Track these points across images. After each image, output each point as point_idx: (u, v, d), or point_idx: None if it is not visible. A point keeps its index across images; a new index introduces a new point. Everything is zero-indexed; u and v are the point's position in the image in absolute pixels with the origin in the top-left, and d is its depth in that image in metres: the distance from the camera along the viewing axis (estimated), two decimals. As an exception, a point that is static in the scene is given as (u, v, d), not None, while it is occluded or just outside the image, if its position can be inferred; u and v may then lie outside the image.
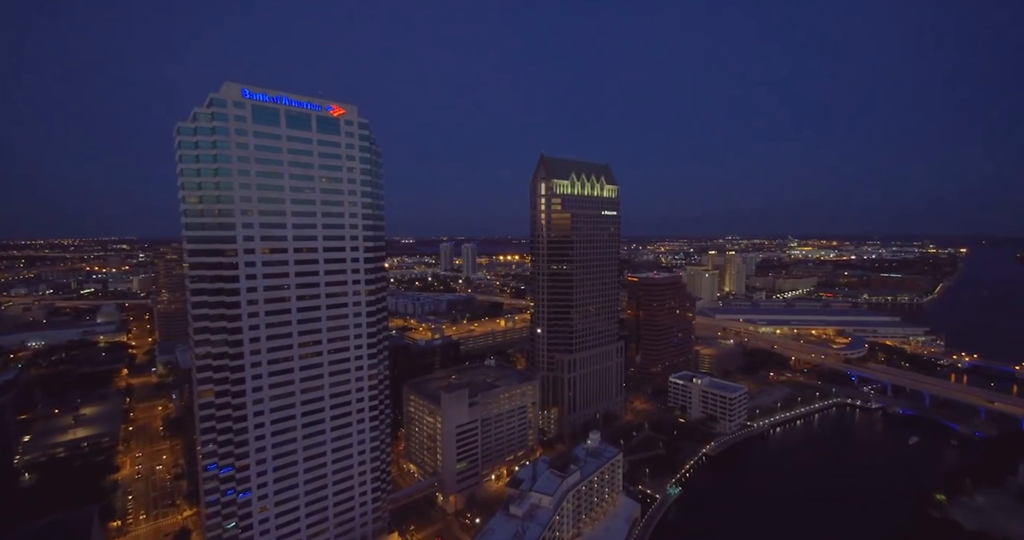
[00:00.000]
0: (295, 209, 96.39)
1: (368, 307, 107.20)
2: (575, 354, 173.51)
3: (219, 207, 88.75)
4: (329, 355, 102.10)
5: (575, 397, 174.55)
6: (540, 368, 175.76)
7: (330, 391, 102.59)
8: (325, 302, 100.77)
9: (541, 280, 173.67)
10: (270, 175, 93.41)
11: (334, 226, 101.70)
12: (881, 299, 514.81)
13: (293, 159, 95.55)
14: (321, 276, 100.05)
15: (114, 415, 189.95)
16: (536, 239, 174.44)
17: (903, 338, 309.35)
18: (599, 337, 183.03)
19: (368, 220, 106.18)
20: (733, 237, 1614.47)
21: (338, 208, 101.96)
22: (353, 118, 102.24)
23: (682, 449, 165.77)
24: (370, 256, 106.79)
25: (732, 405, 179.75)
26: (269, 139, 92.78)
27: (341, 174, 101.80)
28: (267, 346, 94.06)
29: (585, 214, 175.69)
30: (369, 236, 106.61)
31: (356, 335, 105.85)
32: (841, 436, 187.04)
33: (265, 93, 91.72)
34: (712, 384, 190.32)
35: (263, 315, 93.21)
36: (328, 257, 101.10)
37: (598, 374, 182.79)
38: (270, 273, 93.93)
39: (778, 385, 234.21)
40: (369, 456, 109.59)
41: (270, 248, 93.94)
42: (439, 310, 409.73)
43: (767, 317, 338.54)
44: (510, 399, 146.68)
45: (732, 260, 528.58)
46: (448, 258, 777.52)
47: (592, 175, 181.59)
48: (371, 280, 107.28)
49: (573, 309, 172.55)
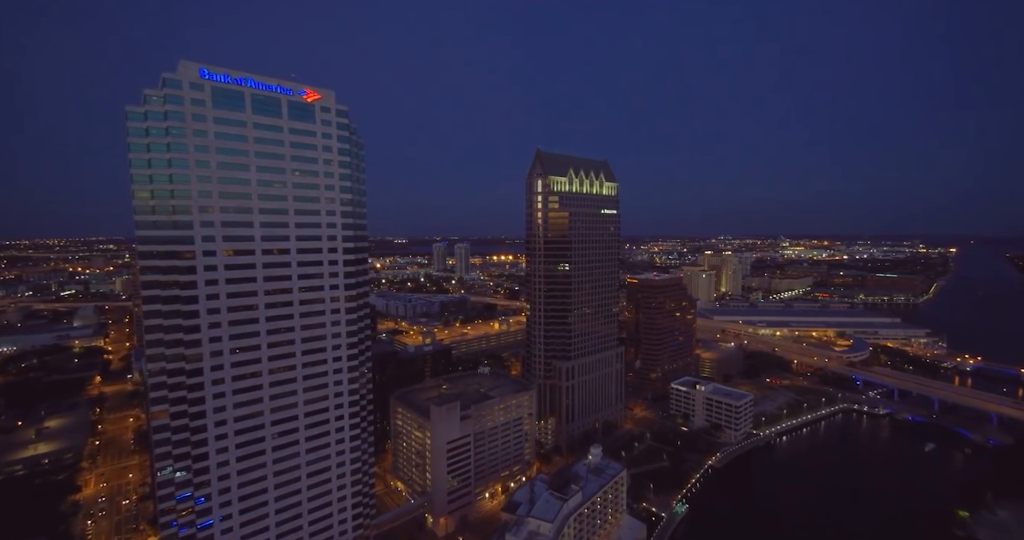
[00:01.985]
0: (263, 205, 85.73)
1: (348, 314, 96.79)
2: (574, 361, 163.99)
3: (174, 203, 77.90)
4: (304, 368, 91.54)
5: (574, 406, 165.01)
6: (536, 376, 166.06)
7: (305, 409, 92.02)
8: (299, 309, 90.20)
9: (537, 282, 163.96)
10: (233, 167, 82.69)
11: (309, 224, 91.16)
12: (877, 299, 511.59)
13: (261, 149, 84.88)
14: (294, 280, 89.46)
15: (80, 428, 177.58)
16: (532, 239, 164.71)
17: (904, 340, 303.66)
18: (598, 342, 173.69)
19: (348, 217, 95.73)
20: (726, 237, 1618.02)
21: (313, 204, 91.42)
22: (330, 104, 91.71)
23: (686, 461, 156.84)
24: (350, 258, 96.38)
25: (738, 414, 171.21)
26: (232, 126, 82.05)
27: (317, 166, 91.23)
28: (231, 360, 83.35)
29: (584, 213, 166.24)
30: (349, 235, 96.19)
31: (335, 345, 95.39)
32: (850, 445, 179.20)
33: (227, 74, 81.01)
34: (716, 391, 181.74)
35: (226, 325, 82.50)
36: (302, 259, 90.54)
37: (598, 381, 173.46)
38: (234, 277, 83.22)
39: (781, 390, 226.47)
40: (350, 479, 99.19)
41: (234, 250, 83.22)
42: (431, 312, 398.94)
43: (766, 318, 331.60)
44: (505, 411, 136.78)
45: (728, 260, 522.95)
46: (441, 258, 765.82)
47: (591, 171, 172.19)
48: (352, 284, 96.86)
49: (571, 313, 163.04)
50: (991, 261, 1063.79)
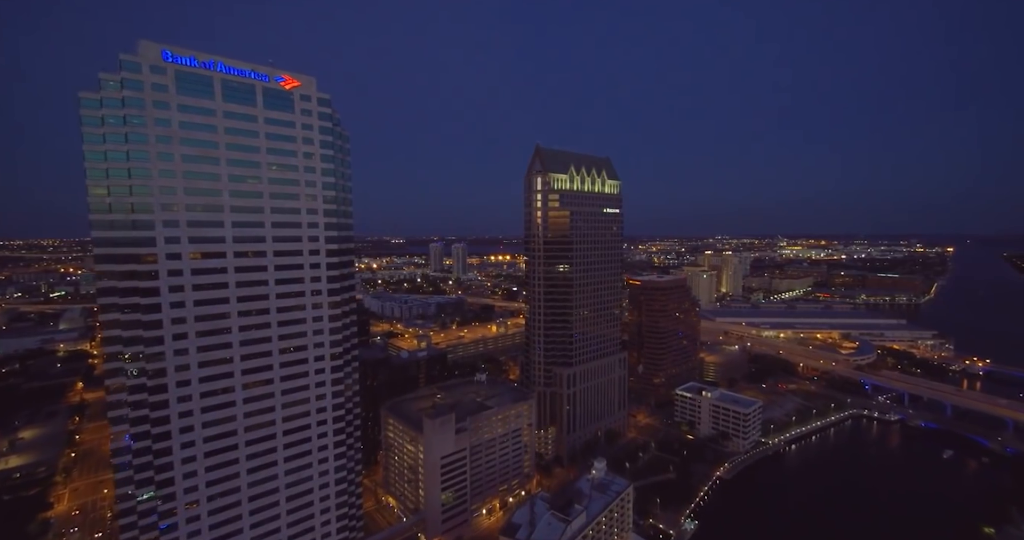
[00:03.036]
0: (236, 203, 77.55)
1: (332, 321, 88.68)
2: (575, 367, 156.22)
3: (132, 201, 69.71)
4: (283, 382, 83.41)
5: (575, 414, 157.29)
6: (536, 383, 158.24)
7: (284, 426, 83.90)
8: (276, 317, 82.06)
9: (537, 285, 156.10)
10: (201, 160, 74.50)
11: (287, 224, 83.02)
12: (879, 299, 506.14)
13: (232, 141, 76.69)
14: (271, 286, 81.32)
15: (56, 439, 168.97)
16: (531, 239, 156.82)
17: (911, 342, 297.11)
18: (601, 347, 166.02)
19: (331, 216, 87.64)
20: (723, 237, 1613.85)
21: (293, 202, 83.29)
22: (311, 92, 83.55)
23: (694, 472, 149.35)
24: (334, 261, 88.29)
25: (747, 421, 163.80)
26: (200, 115, 73.85)
27: (296, 160, 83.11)
28: (199, 375, 75.19)
29: (585, 212, 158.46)
30: (333, 236, 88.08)
31: (317, 356, 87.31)
32: (863, 453, 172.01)
33: (194, 56, 72.80)
34: (723, 398, 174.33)
35: (193, 336, 74.34)
36: (280, 262, 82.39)
37: (600, 388, 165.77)
38: (203, 283, 75.07)
39: (788, 395, 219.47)
40: (334, 501, 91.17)
41: (202, 252, 75.07)
42: (428, 313, 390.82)
43: (770, 320, 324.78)
44: (503, 421, 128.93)
45: (729, 260, 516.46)
46: (438, 258, 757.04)
47: (592, 169, 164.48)
48: (336, 289, 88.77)
49: (573, 317, 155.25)
50: (989, 261, 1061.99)
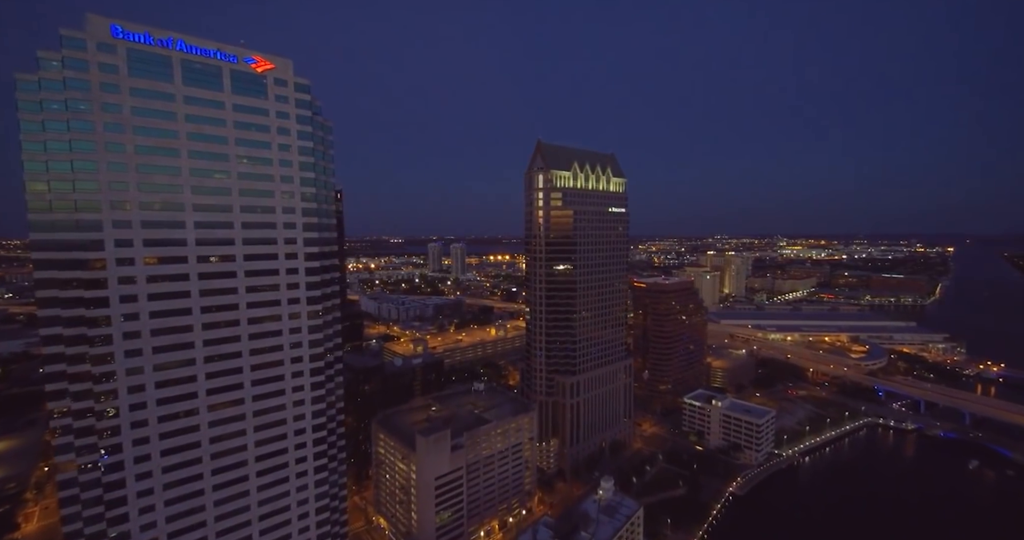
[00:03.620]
0: (199, 201, 68.36)
1: (313, 332, 79.57)
2: (579, 375, 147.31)
3: (76, 198, 60.56)
4: (255, 402, 74.28)
5: (578, 425, 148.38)
6: (537, 392, 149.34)
7: (257, 452, 74.79)
8: (247, 330, 72.91)
9: (538, 288, 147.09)
10: (158, 152, 65.32)
11: (260, 224, 73.83)
12: (884, 300, 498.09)
13: (195, 130, 67.48)
14: (241, 294, 72.17)
15: (32, 450, 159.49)
16: (532, 239, 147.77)
17: (921, 345, 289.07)
18: (606, 354, 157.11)
19: (311, 216, 78.47)
20: (722, 236, 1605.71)
21: (266, 199, 74.11)
22: (286, 76, 74.32)
23: (705, 487, 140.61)
24: (315, 265, 79.13)
25: (760, 432, 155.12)
26: (156, 100, 64.65)
27: (270, 153, 73.91)
28: (156, 397, 66.08)
29: (589, 211, 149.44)
30: (313, 237, 78.90)
31: (295, 372, 78.18)
32: (882, 466, 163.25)
33: (149, 33, 63.54)
34: (734, 407, 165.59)
35: (149, 353, 65.20)
36: (252, 267, 73.22)
37: (605, 397, 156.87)
38: (161, 292, 65.91)
39: (799, 402, 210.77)
40: (315, 532, 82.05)
41: (159, 257, 65.91)
42: (425, 315, 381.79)
43: (776, 322, 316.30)
44: (503, 436, 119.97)
45: (732, 260, 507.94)
46: (436, 258, 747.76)
47: (597, 165, 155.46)
48: (317, 296, 79.66)
49: (576, 323, 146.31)
50: (989, 261, 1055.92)
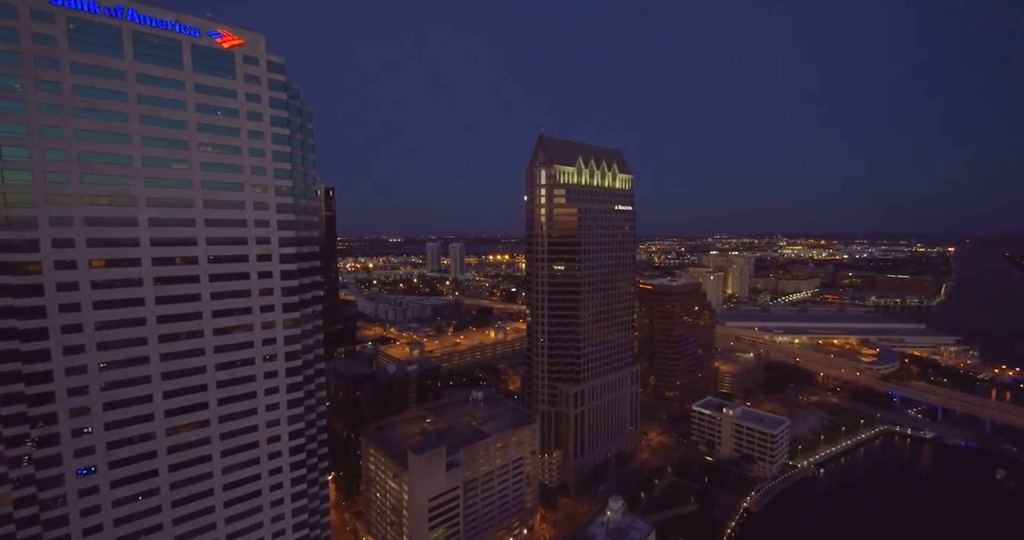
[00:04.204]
0: (155, 194, 59.60)
1: (290, 343, 70.84)
2: (583, 383, 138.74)
3: (6, 191, 51.81)
4: (222, 424, 65.56)
5: (583, 436, 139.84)
6: (539, 401, 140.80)
7: (224, 479, 66.08)
8: (213, 342, 64.17)
9: (539, 290, 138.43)
10: (105, 137, 56.59)
11: (228, 222, 65.01)
12: (889, 301, 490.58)
13: (149, 112, 58.68)
14: (205, 301, 63.43)
15: None
16: (534, 239, 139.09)
17: (933, 348, 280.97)
18: (611, 360, 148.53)
19: (287, 212, 69.64)
20: (721, 236, 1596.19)
21: (234, 193, 65.31)
22: (258, 53, 65.46)
23: (717, 502, 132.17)
24: (291, 268, 70.33)
25: (774, 443, 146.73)
26: (103, 78, 55.89)
27: (238, 140, 65.08)
28: (105, 420, 57.44)
29: (594, 209, 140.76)
30: (290, 237, 70.09)
31: (269, 389, 69.47)
32: (902, 477, 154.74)
33: (94, 0, 54.75)
34: (746, 416, 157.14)
35: (95, 371, 56.53)
36: (218, 271, 64.45)
37: (610, 406, 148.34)
38: (109, 300, 57.25)
39: (810, 408, 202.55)
40: (293, 566, 73.41)
41: (107, 259, 57.20)
42: (423, 316, 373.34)
43: (783, 324, 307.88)
44: (503, 451, 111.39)
45: (735, 260, 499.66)
46: (435, 258, 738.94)
47: (602, 161, 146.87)
48: (294, 303, 70.90)
49: (581, 327, 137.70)
50: (991, 260, 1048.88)
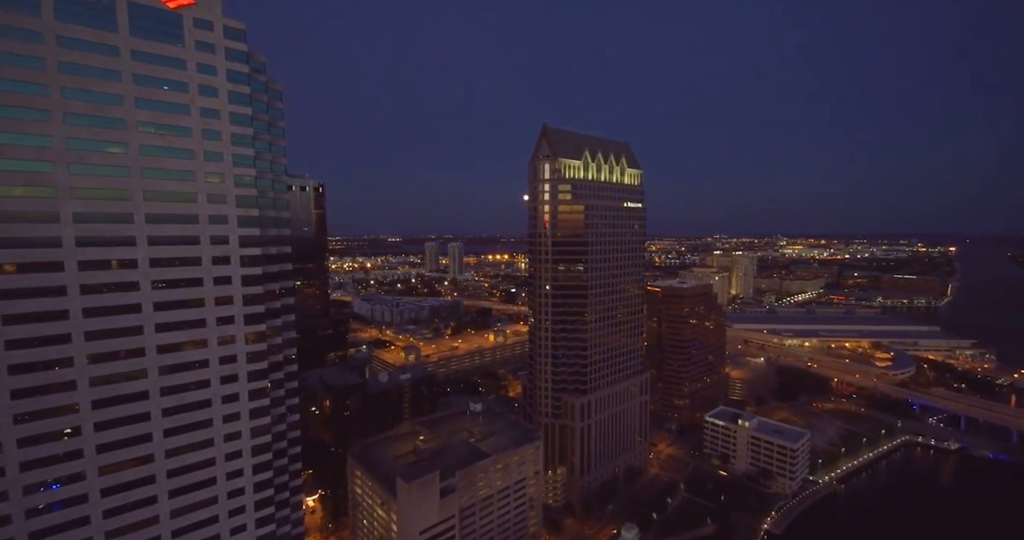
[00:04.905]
0: (81, 183, 49.02)
1: (254, 361, 60.33)
2: (590, 394, 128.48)
3: None
4: (169, 459, 55.01)
5: (589, 451, 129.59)
6: (541, 413, 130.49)
7: (172, 525, 55.48)
8: (157, 361, 53.63)
9: (542, 293, 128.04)
10: (17, 114, 46.01)
11: (175, 217, 54.45)
12: (896, 302, 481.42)
13: (74, 83, 48.08)
14: (147, 313, 52.89)
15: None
16: (536, 238, 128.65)
17: (948, 352, 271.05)
18: (620, 369, 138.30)
19: (249, 207, 59.04)
20: (721, 236, 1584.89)
21: (183, 183, 54.73)
22: (212, 16, 54.80)
23: (736, 524, 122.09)
24: (255, 272, 59.79)
25: (795, 458, 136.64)
26: (14, 40, 45.31)
27: (188, 119, 54.47)
28: (21, 459, 46.95)
29: (603, 206, 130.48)
30: (252, 236, 59.47)
31: (229, 415, 58.94)
32: (929, 493, 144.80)
33: (-1, -59, 44.18)
34: (763, 427, 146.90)
35: (6, 399, 45.99)
36: (163, 276, 53.93)
37: (619, 417, 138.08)
38: (23, 313, 46.69)
39: (827, 417, 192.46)
40: (260, 619, 62.93)
41: (19, 263, 46.64)
42: (420, 318, 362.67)
43: (791, 327, 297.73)
44: (504, 472, 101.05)
45: (739, 260, 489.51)
46: (434, 258, 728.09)
47: (610, 154, 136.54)
48: (259, 314, 60.35)
49: (588, 334, 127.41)
50: (994, 261, 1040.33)
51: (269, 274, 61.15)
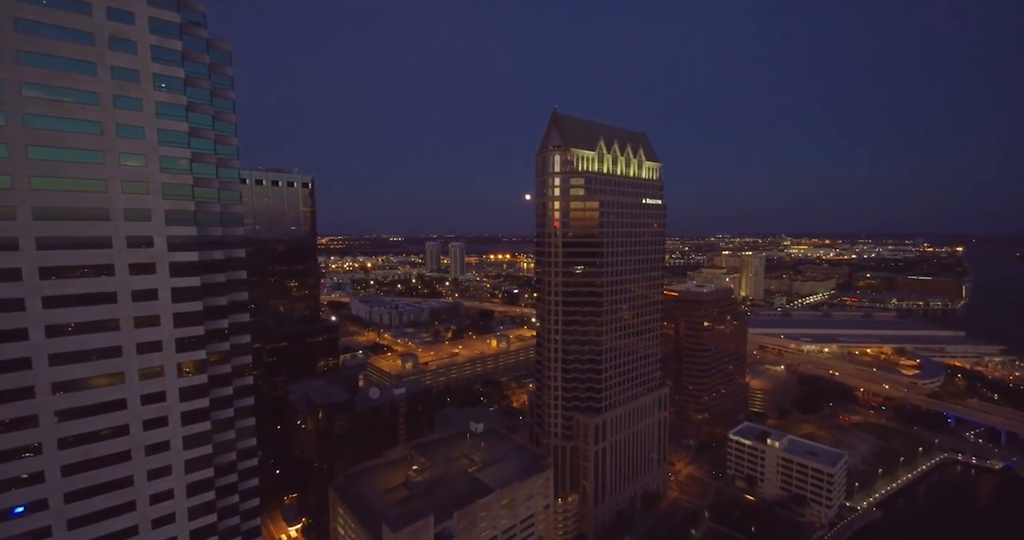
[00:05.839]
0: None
1: (190, 398, 46.79)
2: (606, 413, 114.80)
3: None
4: (71, 532, 41.60)
5: (604, 478, 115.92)
6: (550, 435, 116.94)
7: (76, 618, 42.14)
8: (52, 404, 40.14)
9: (551, 301, 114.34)
10: None
11: (75, 213, 40.97)
12: (912, 304, 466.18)
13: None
14: (37, 341, 39.40)
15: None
16: (545, 238, 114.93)
17: (975, 358, 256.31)
18: (638, 384, 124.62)
19: (184, 198, 45.44)
20: (724, 235, 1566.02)
21: (87, 168, 41.21)
22: (126, -57, 41.40)
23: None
24: (191, 284, 46.19)
25: (832, 483, 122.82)
26: None
27: (92, 82, 40.88)
28: None
29: (619, 202, 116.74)
30: (189, 238, 45.89)
31: (156, 470, 45.47)
32: (975, 520, 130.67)
33: None
34: (795, 448, 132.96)
35: None
36: (59, 292, 40.41)
37: (637, 438, 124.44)
38: None
39: (854, 431, 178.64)
40: None
41: None
42: (420, 320, 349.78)
43: (809, 331, 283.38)
44: (510, 509, 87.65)
45: (749, 261, 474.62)
46: (434, 258, 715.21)
47: (627, 145, 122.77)
48: (195, 338, 46.71)
49: (603, 346, 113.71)
50: (1002, 261, 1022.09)
51: (214, 285, 47.67)
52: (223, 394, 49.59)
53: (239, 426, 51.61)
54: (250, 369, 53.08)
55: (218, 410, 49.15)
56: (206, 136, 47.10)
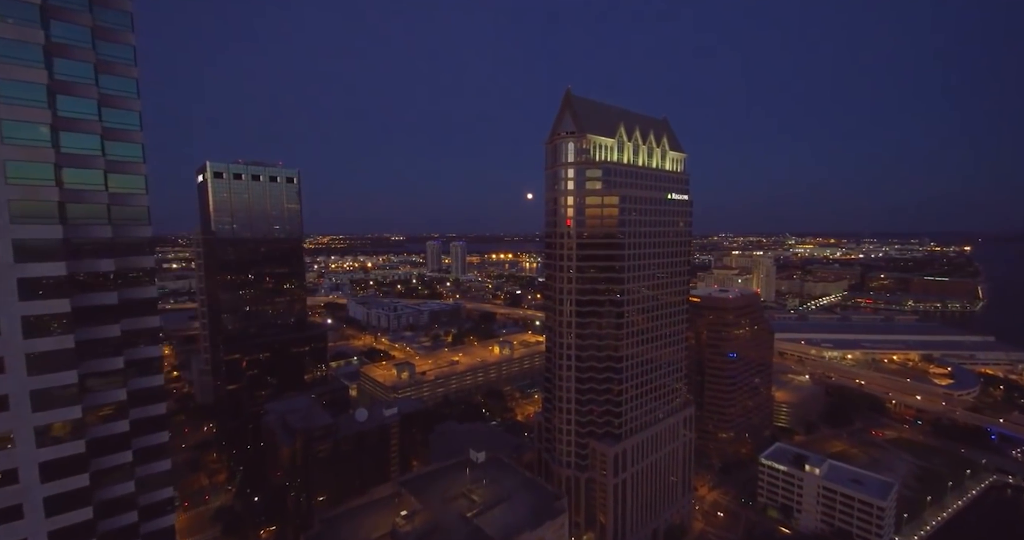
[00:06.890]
0: None
1: (58, 479, 32.12)
2: (626, 440, 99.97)
3: None
4: None
5: (625, 513, 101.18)
6: (562, 464, 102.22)
7: None
8: None
9: (564, 311, 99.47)
10: None
11: None
12: (929, 306, 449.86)
13: None
14: None
15: None
16: (557, 237, 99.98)
17: (1009, 366, 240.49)
18: (662, 403, 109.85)
19: (40, 184, 30.80)
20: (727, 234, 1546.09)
21: None
22: None
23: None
24: (56, 309, 31.47)
25: (883, 517, 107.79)
26: None
27: None
28: None
29: (642, 197, 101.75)
30: (48, 242, 31.22)
31: (11, 579, 30.89)
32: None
33: None
34: (837, 475, 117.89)
35: None
36: None
37: (660, 465, 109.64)
38: None
39: (890, 448, 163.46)
40: None
41: None
42: (419, 323, 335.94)
43: (829, 336, 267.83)
44: (516, 563, 73.03)
45: (760, 261, 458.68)
46: (435, 257, 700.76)
47: (649, 133, 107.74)
48: (62, 389, 32.01)
49: (624, 363, 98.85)
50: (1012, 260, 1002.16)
51: (98, 310, 32.94)
52: (118, 462, 35.01)
53: (143, 502, 37.00)
54: (165, 421, 38.50)
55: (112, 485, 34.57)
56: (81, 93, 32.35)
